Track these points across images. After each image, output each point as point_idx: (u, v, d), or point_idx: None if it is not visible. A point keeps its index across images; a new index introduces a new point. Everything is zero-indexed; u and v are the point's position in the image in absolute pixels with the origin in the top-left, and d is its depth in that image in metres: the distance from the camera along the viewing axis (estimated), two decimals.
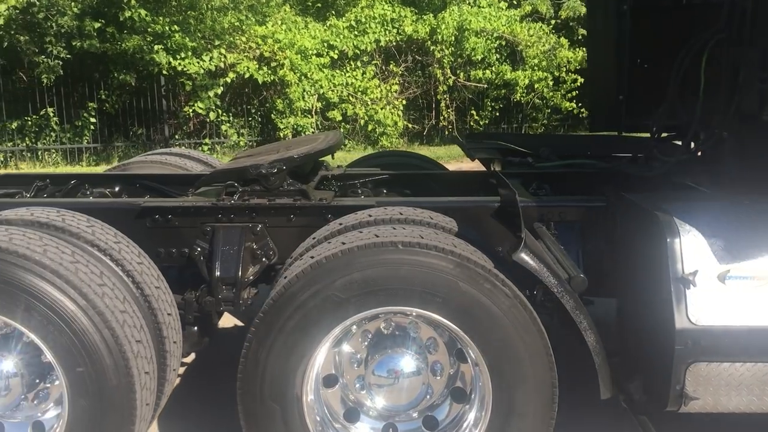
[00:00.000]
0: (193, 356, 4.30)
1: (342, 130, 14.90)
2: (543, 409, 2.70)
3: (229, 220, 3.33)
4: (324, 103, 15.17)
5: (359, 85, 15.24)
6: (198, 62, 13.83)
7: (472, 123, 16.79)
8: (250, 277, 3.33)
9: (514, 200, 2.71)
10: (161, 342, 2.99)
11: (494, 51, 15.99)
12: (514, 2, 17.23)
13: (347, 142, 15.12)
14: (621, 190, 3.41)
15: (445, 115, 16.42)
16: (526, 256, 2.62)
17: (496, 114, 17.05)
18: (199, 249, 3.32)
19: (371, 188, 4.22)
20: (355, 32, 15.42)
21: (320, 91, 14.86)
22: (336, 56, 15.23)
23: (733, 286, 2.72)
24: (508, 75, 15.82)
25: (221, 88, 14.35)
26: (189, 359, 4.33)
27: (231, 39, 14.51)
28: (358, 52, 15.43)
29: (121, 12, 13.22)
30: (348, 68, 15.49)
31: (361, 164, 5.07)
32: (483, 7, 16.08)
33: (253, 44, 14.62)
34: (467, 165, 12.35)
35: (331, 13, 16.30)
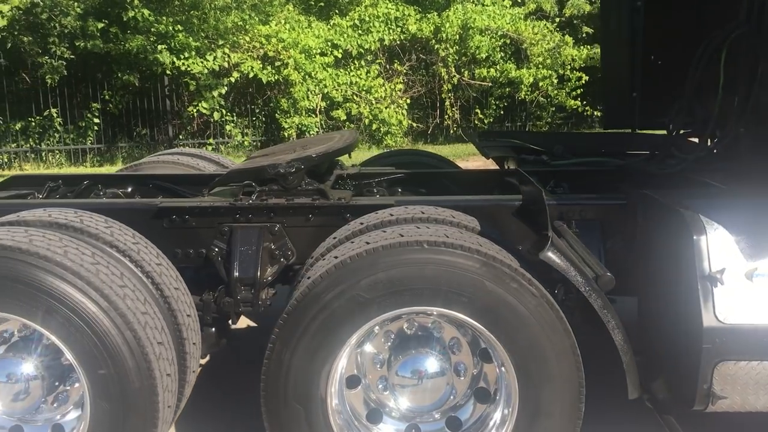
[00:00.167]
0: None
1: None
2: (570, 409, 2.68)
3: (246, 220, 3.30)
4: (328, 102, 15.14)
5: (363, 84, 15.21)
6: (202, 62, 13.81)
7: (476, 121, 16.78)
8: (269, 278, 3.30)
9: (540, 198, 2.68)
10: (181, 343, 2.96)
11: (499, 49, 15.98)
12: (518, 0, 17.21)
13: None
14: (640, 188, 3.37)
15: (450, 114, 16.40)
16: (553, 254, 2.58)
17: (501, 112, 17.03)
18: (216, 249, 3.30)
19: (386, 187, 4.19)
20: (359, 31, 15.40)
21: (324, 90, 14.83)
22: (340, 55, 15.21)
23: (760, 283, 2.69)
24: (512, 73, 15.81)
25: (225, 88, 14.33)
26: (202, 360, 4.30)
27: (234, 38, 14.48)
28: (362, 51, 15.41)
29: (124, 12, 13.21)
30: (352, 67, 15.47)
31: (374, 163, 5.04)
32: (487, 6, 16.07)
33: (256, 44, 14.59)
34: (472, 163, 12.35)
35: (335, 12, 16.27)
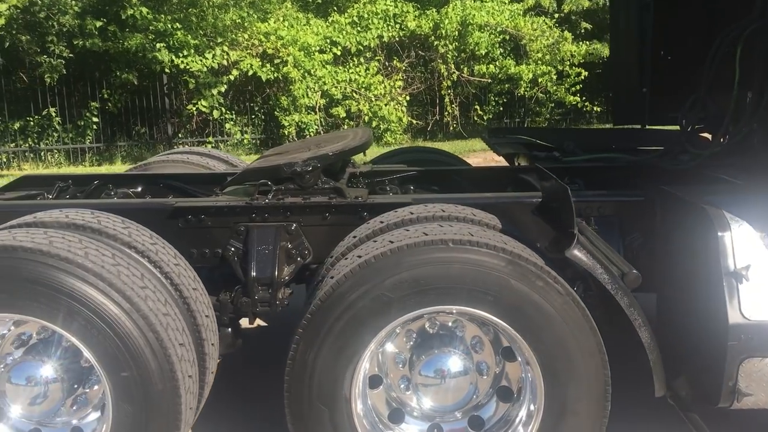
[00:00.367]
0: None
1: (346, 127, 14.85)
2: (596, 408, 2.66)
3: (263, 219, 3.27)
4: (327, 99, 15.09)
5: (363, 82, 15.17)
6: (200, 60, 13.75)
7: (475, 118, 16.75)
8: (286, 277, 3.27)
9: (565, 194, 2.65)
10: (201, 344, 2.93)
11: (498, 45, 15.95)
12: None
13: None
14: (656, 184, 3.36)
15: (449, 111, 16.36)
16: (579, 252, 2.57)
17: (500, 109, 17.01)
18: (232, 249, 3.27)
19: (398, 185, 4.17)
20: (358, 28, 15.35)
21: (324, 87, 14.78)
22: (339, 52, 15.16)
23: None
24: (512, 69, 15.79)
25: (224, 86, 14.27)
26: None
27: (233, 36, 14.42)
28: (361, 48, 15.36)
29: (122, 10, 13.15)
30: (351, 64, 15.42)
31: (384, 161, 5.01)
32: (486, 2, 16.04)
33: (255, 41, 14.53)
34: (473, 160, 12.33)
35: (333, 9, 16.22)
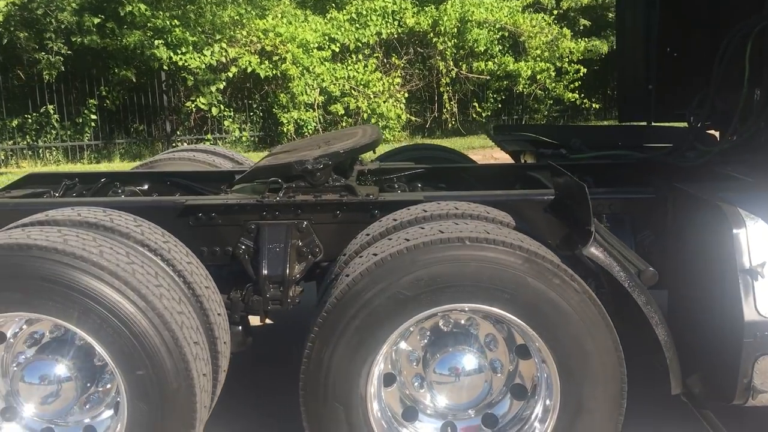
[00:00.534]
0: None
1: (344, 124, 14.83)
2: (612, 406, 2.66)
3: (273, 217, 3.26)
4: (326, 97, 15.06)
5: (361, 79, 15.14)
6: (199, 57, 13.70)
7: (474, 115, 16.75)
8: (297, 275, 3.26)
9: (582, 192, 2.65)
10: (214, 343, 2.92)
11: (496, 42, 15.94)
12: None
13: None
14: (665, 181, 3.35)
15: (448, 108, 16.35)
16: (596, 250, 2.56)
17: (498, 105, 17.01)
18: (243, 247, 3.26)
19: (405, 182, 4.16)
20: (357, 25, 15.31)
21: (322, 84, 14.75)
22: (337, 49, 15.13)
23: None
24: (510, 66, 15.78)
25: (223, 83, 14.23)
26: None
27: (232, 33, 14.38)
28: (359, 45, 15.33)
29: (120, 7, 13.09)
30: (350, 61, 15.39)
31: (390, 158, 5.00)
32: None
33: (254, 38, 14.49)
34: (472, 157, 12.31)
35: (331, 5, 16.18)
